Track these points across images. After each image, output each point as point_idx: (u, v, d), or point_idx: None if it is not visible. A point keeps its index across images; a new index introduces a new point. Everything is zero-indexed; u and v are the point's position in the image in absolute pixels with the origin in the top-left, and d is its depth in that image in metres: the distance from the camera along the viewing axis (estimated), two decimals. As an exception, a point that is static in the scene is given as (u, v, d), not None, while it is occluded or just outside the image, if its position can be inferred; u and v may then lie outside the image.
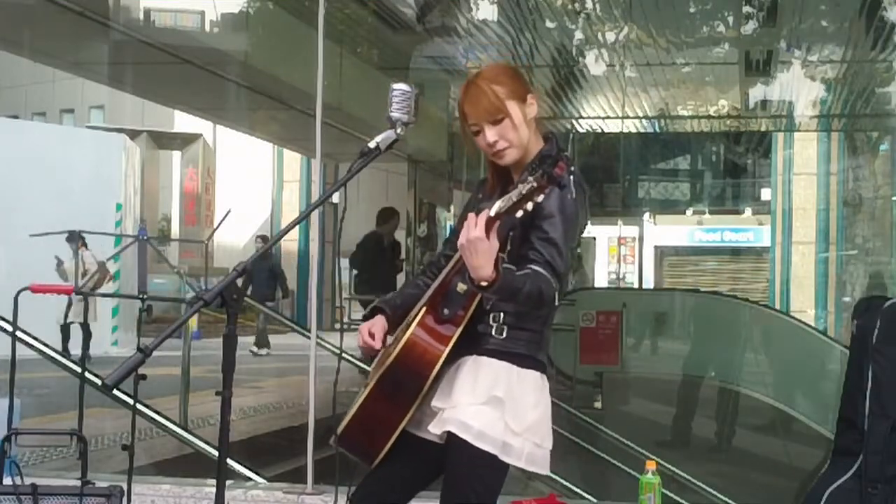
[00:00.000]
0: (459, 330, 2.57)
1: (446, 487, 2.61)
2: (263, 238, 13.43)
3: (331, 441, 2.71)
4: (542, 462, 2.62)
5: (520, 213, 2.32)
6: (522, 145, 2.64)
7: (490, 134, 2.62)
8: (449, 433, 2.56)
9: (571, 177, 2.50)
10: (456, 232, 2.73)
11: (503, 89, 2.62)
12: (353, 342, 2.83)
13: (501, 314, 2.59)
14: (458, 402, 2.57)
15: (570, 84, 13.13)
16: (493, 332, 2.60)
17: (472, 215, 2.37)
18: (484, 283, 2.37)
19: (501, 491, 2.64)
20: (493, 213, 2.33)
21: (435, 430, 2.59)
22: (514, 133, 2.62)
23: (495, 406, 2.56)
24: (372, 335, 2.71)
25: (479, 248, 2.34)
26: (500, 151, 2.64)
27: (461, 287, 2.56)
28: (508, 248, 2.55)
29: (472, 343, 2.60)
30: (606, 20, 10.62)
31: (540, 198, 2.29)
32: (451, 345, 2.56)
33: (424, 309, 2.59)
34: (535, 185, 2.27)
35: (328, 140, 5.10)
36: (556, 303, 2.57)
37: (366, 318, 2.77)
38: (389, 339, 2.74)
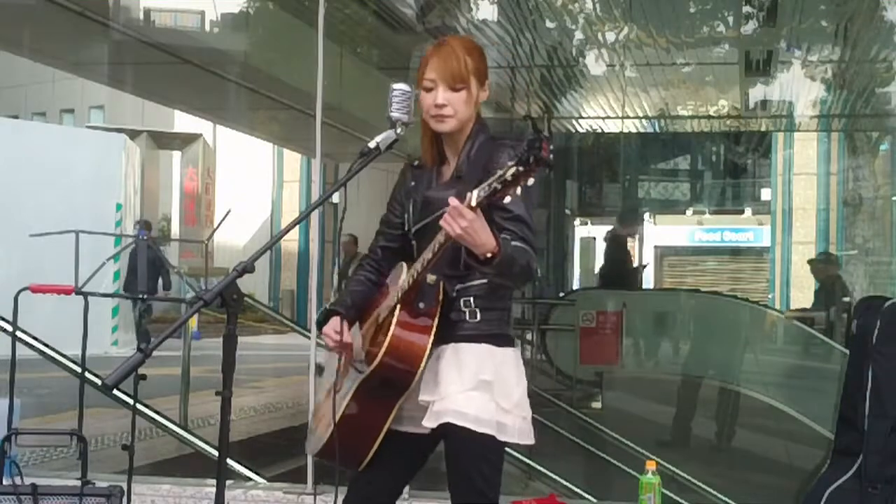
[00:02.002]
0: (436, 320, 2.60)
1: (452, 475, 2.64)
2: (146, 223, 13.08)
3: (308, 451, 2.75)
4: (529, 434, 2.67)
5: (507, 199, 2.34)
6: (462, 121, 2.69)
7: (442, 96, 2.66)
8: (446, 424, 2.58)
9: None
10: (387, 222, 2.83)
11: (473, 64, 2.69)
12: (353, 342, 2.82)
13: (471, 298, 2.64)
14: (447, 392, 2.60)
15: (570, 84, 13.12)
16: (467, 317, 2.64)
17: (451, 207, 2.37)
18: (490, 255, 2.41)
19: (501, 491, 2.66)
20: (473, 202, 2.36)
21: (429, 423, 2.61)
22: (463, 107, 2.67)
23: (484, 389, 2.59)
24: (339, 333, 2.72)
25: (476, 228, 2.38)
26: (442, 116, 2.67)
27: (431, 278, 2.60)
28: None
29: (448, 332, 2.63)
30: (606, 20, 10.61)
31: (530, 181, 2.31)
32: (432, 334, 2.59)
33: (398, 308, 2.60)
34: (521, 168, 2.28)
35: (328, 140, 5.10)
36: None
37: (319, 325, 2.80)
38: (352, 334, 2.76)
